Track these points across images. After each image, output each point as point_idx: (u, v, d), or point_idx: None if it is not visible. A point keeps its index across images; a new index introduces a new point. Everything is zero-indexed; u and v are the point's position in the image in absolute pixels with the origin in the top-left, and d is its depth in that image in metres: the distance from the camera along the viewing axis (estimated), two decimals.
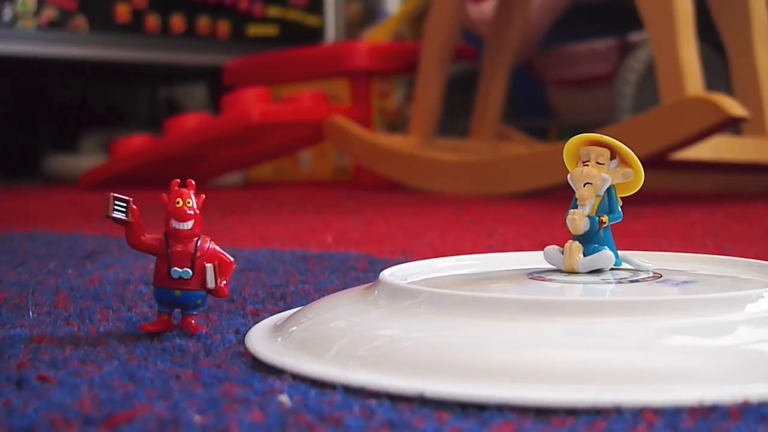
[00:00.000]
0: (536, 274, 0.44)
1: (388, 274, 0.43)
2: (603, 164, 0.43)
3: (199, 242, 0.44)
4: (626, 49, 1.94)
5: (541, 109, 2.14)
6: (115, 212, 0.43)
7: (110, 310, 0.52)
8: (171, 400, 0.33)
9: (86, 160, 2.37)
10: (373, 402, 0.32)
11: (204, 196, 0.45)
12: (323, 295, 0.52)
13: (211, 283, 0.44)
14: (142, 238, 0.44)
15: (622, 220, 0.43)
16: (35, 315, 0.51)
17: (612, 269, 0.44)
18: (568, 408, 0.31)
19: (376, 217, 1.18)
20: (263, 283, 0.62)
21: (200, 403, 0.32)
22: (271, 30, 2.60)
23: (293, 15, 2.64)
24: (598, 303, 0.36)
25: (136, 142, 2.02)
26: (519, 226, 1.03)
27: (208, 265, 0.44)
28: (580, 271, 0.43)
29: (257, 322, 0.47)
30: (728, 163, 1.36)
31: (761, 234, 0.93)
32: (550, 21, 2.04)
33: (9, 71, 2.60)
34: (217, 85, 2.35)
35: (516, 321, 0.35)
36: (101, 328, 0.47)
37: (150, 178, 1.92)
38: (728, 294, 0.37)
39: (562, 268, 0.44)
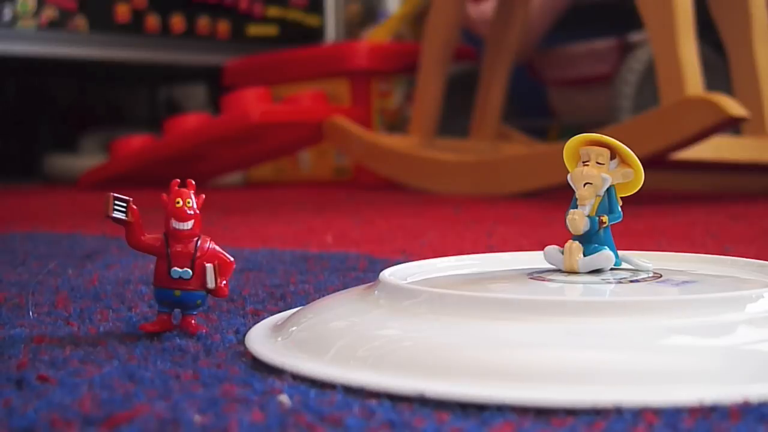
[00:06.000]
0: (536, 274, 0.44)
1: (388, 274, 0.43)
2: (603, 164, 0.43)
3: (199, 242, 0.44)
4: (626, 49, 1.94)
5: (541, 109, 2.14)
6: (115, 212, 0.43)
7: (110, 310, 0.52)
8: (171, 400, 0.33)
9: (86, 160, 2.37)
10: (373, 402, 0.32)
11: (204, 196, 0.45)
12: (323, 295, 0.52)
13: (211, 283, 0.44)
14: (142, 238, 0.44)
15: (622, 220, 0.43)
16: (35, 315, 0.51)
17: (612, 269, 0.44)
18: (568, 408, 0.31)
19: (376, 217, 1.18)
20: (263, 283, 0.62)
21: (200, 403, 0.32)
22: (271, 30, 2.60)
23: (293, 15, 2.64)
24: (598, 303, 0.36)
25: (136, 142, 2.02)
26: (519, 226, 1.03)
27: (208, 265, 0.44)
28: (580, 271, 0.43)
29: (257, 322, 0.46)
30: (728, 163, 1.36)
31: (761, 234, 0.93)
32: (551, 21, 2.04)
33: (9, 71, 2.60)
34: (217, 85, 2.35)
35: (516, 321, 0.35)
36: (101, 328, 0.47)
37: (150, 178, 1.92)
38: (728, 294, 0.37)
39: (562, 268, 0.44)
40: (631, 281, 0.42)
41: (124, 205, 0.44)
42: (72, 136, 2.68)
